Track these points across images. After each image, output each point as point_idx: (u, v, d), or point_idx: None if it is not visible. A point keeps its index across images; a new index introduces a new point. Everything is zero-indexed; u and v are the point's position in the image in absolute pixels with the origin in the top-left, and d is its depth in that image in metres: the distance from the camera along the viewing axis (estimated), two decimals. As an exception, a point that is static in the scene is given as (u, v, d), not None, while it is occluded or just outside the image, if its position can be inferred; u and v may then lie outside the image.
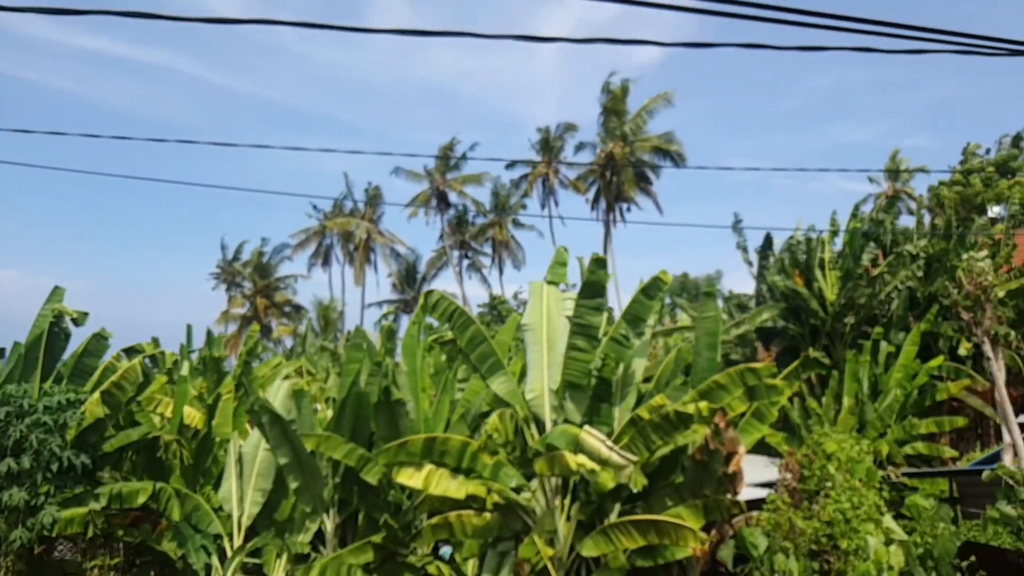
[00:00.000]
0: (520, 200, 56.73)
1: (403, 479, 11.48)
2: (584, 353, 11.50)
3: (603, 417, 11.79)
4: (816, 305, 23.50)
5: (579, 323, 11.55)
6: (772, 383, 12.34)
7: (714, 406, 11.20)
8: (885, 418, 19.94)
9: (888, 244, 24.62)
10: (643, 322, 12.23)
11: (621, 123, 41.19)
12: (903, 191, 54.58)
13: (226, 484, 14.72)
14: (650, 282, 12.37)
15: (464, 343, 12.08)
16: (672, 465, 12.38)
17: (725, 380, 11.68)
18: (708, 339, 12.98)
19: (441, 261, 58.33)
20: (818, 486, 10.61)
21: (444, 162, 53.40)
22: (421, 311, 12.45)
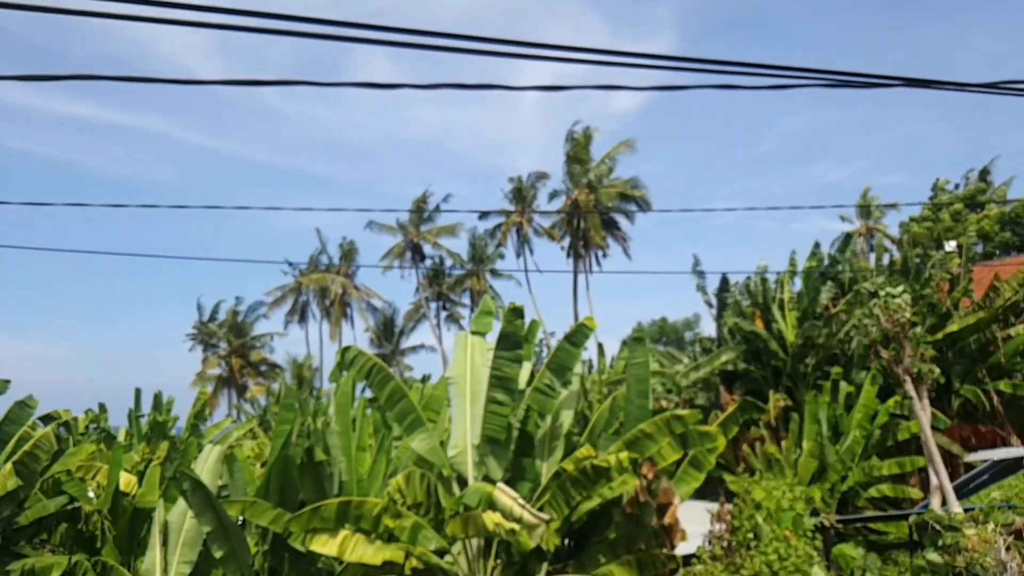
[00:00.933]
0: (497, 250, 56.61)
1: (317, 547, 10.99)
2: (502, 406, 11.10)
3: (526, 472, 11.35)
4: (776, 346, 23.19)
5: (497, 375, 11.17)
6: (704, 430, 11.94)
7: (635, 455, 10.79)
8: (846, 460, 19.54)
9: (847, 282, 24.39)
10: (569, 371, 11.88)
11: (585, 171, 41.22)
12: (875, 228, 54.73)
13: (150, 555, 14.13)
14: (574, 329, 12.07)
15: (383, 400, 11.70)
16: (604, 520, 11.92)
17: (651, 429, 11.29)
18: (639, 386, 12.60)
19: (419, 314, 58.00)
20: (745, 538, 10.17)
21: (418, 215, 53.33)
22: (337, 368, 12.05)
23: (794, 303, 23.58)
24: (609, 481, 10.74)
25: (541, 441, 11.96)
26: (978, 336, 22.76)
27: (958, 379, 23.35)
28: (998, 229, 44.84)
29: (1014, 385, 22.70)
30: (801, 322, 22.93)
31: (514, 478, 11.38)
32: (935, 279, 23.05)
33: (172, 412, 23.67)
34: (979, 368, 23.44)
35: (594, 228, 42.78)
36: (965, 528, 9.13)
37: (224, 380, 56.35)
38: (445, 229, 53.76)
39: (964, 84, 6.98)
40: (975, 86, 7.00)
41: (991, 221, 44.44)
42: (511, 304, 11.75)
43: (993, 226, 44.50)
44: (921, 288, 22.65)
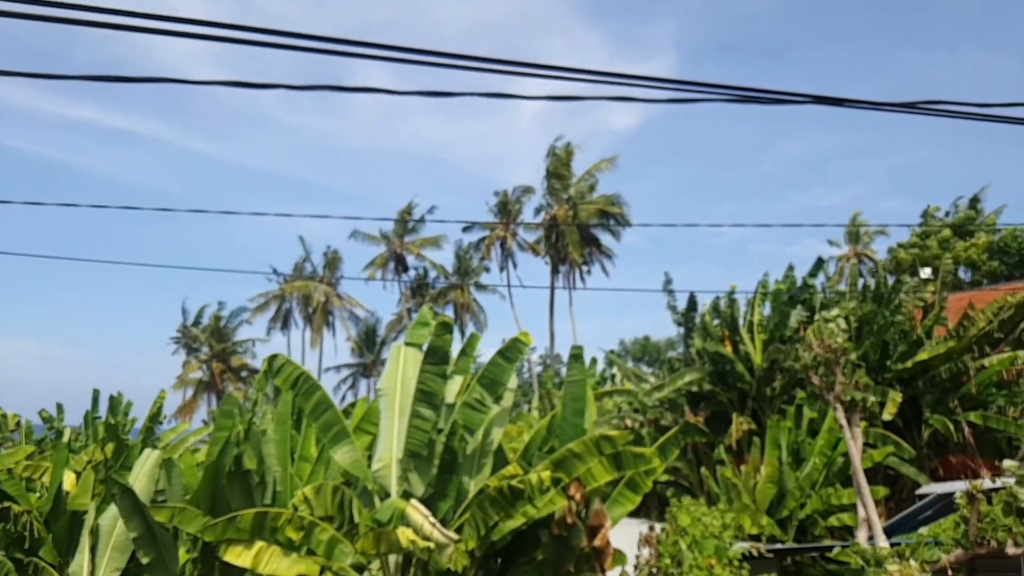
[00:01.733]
0: (482, 264, 56.37)
1: (231, 558, 10.67)
2: (425, 421, 10.80)
3: (449, 489, 11.05)
4: (742, 369, 22.89)
5: (422, 389, 10.88)
6: (639, 451, 11.64)
7: (560, 475, 10.47)
8: (805, 487, 19.21)
9: (817, 307, 24.12)
10: (501, 386, 11.57)
11: (565, 186, 41.05)
12: (864, 253, 54.55)
13: (79, 557, 13.84)
14: (509, 344, 11.77)
15: (308, 410, 11.40)
16: (532, 540, 11.60)
17: (580, 449, 10.96)
18: (574, 404, 12.30)
19: (400, 325, 57.66)
20: (669, 567, 9.86)
21: (402, 225, 53.12)
22: (263, 376, 11.74)
23: (763, 326, 23.31)
24: (531, 501, 10.42)
25: (470, 457, 11.64)
26: (950, 365, 22.47)
27: (929, 408, 23.07)
28: (985, 258, 44.70)
29: (984, 416, 22.41)
30: (768, 345, 22.65)
31: (436, 495, 11.08)
32: (908, 306, 22.81)
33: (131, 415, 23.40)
34: (951, 398, 23.16)
35: (572, 245, 42.56)
36: (888, 564, 8.83)
37: (205, 384, 55.99)
38: (429, 240, 53.57)
39: (876, 103, 6.73)
40: (889, 105, 6.76)
41: (978, 250, 44.28)
42: (441, 318, 11.49)
43: (980, 255, 44.34)
44: (892, 315, 22.41)
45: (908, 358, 22.54)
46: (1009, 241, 43.09)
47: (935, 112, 6.67)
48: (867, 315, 22.95)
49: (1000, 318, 22.81)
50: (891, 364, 22.73)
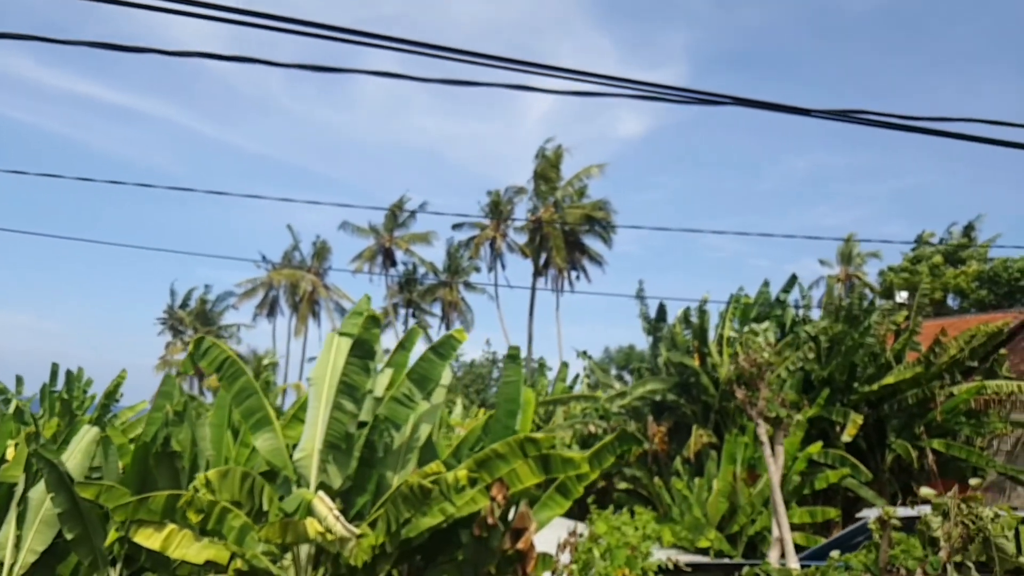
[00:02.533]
0: (473, 263, 56.19)
1: (141, 539, 10.50)
2: (345, 414, 10.61)
3: (367, 484, 10.88)
4: (707, 381, 22.70)
5: (345, 382, 10.69)
6: (568, 456, 11.46)
7: (477, 475, 10.29)
8: (756, 504, 19.01)
9: (788, 324, 23.94)
10: (432, 382, 11.41)
11: (552, 189, 40.86)
12: (855, 275, 54.37)
13: (5, 529, 13.67)
14: (442, 340, 11.61)
15: (232, 395, 11.21)
16: (453, 539, 11.41)
17: (504, 449, 10.77)
18: (508, 405, 12.12)
19: (386, 320, 57.51)
20: (578, 573, 9.67)
21: (392, 219, 52.96)
22: (189, 358, 11.56)
23: (731, 340, 23.10)
24: (448, 499, 10.24)
25: (395, 453, 11.46)
26: (917, 391, 22.26)
27: (894, 433, 22.86)
28: (975, 286, 44.49)
29: (947, 444, 22.22)
30: (733, 359, 22.43)
31: (355, 488, 10.91)
32: (879, 329, 22.62)
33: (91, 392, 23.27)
34: (917, 424, 22.95)
35: (556, 248, 42.37)
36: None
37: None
38: (418, 236, 53.38)
39: (802, 109, 6.51)
40: (819, 112, 6.54)
41: (968, 278, 44.09)
42: (370, 312, 11.31)
43: (970, 283, 44.14)
44: (861, 336, 22.22)
45: (875, 381, 22.34)
46: (1000, 271, 42.92)
47: (860, 120, 6.50)
48: (837, 335, 22.75)
49: (971, 346, 22.62)
50: (858, 386, 22.53)
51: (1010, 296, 41.84)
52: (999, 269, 42.47)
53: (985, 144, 6.49)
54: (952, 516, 8.13)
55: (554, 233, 41.39)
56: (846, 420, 20.95)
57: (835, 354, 22.59)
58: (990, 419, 23.65)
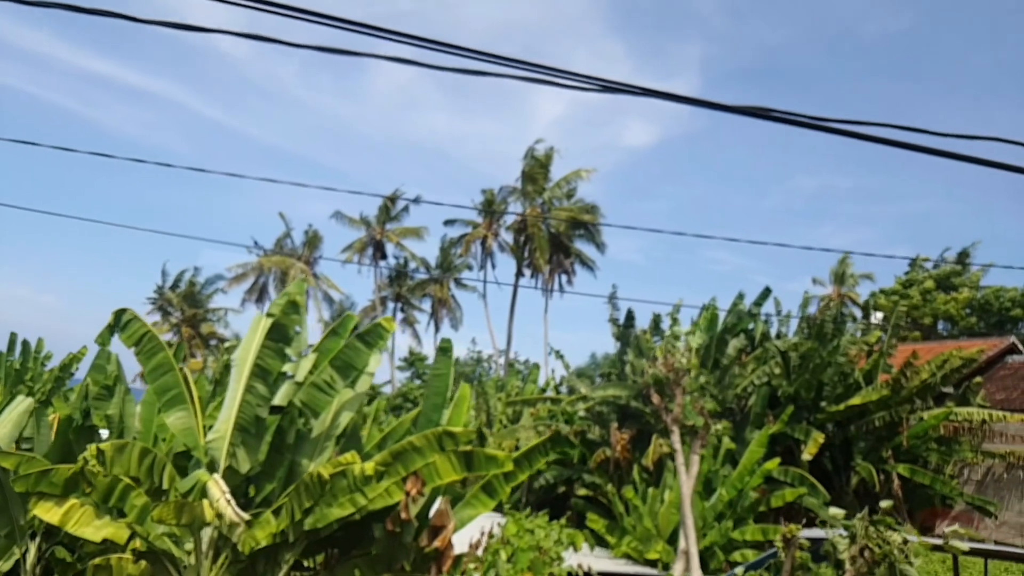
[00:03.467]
0: (465, 261, 55.83)
1: (41, 512, 10.15)
2: (257, 397, 10.29)
3: (277, 470, 10.56)
4: (673, 391, 22.30)
5: (259, 365, 10.38)
6: (491, 453, 11.10)
7: (391, 467, 9.97)
8: (709, 518, 18.66)
9: (758, 338, 23.59)
10: (356, 370, 11.10)
11: (539, 190, 40.52)
12: (848, 295, 53.86)
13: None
14: (369, 328, 11.29)
15: (148, 371, 10.89)
16: (366, 533, 11.09)
17: (421, 443, 10.43)
18: (435, 399, 11.83)
19: (376, 311, 57.18)
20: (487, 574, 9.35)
21: (384, 212, 52.64)
22: (108, 330, 11.23)
23: (699, 350, 22.72)
24: (359, 491, 9.92)
25: (313, 440, 11.14)
26: (885, 414, 21.88)
27: (860, 455, 22.48)
28: (966, 313, 44.06)
29: (912, 469, 21.84)
30: (702, 369, 22.08)
31: (264, 474, 10.61)
32: (849, 348, 22.26)
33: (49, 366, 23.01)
34: (885, 447, 22.59)
35: (540, 250, 42.02)
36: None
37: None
38: (410, 231, 53.06)
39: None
40: (728, 108, 6.17)
41: (958, 304, 43.64)
42: (288, 296, 11.02)
43: (960, 310, 43.71)
44: (830, 355, 21.87)
45: (842, 400, 21.98)
46: (991, 299, 42.49)
47: (772, 117, 6.18)
48: (807, 352, 22.39)
49: (943, 372, 22.24)
50: (826, 405, 22.17)
51: (1000, 325, 41.41)
52: (990, 297, 42.03)
53: (995, 168, 6.19)
54: (859, 539, 7.78)
55: (538, 234, 41.04)
56: (807, 438, 20.58)
57: (803, 371, 22.23)
58: (961, 447, 23.28)
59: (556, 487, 24.53)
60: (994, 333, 39.89)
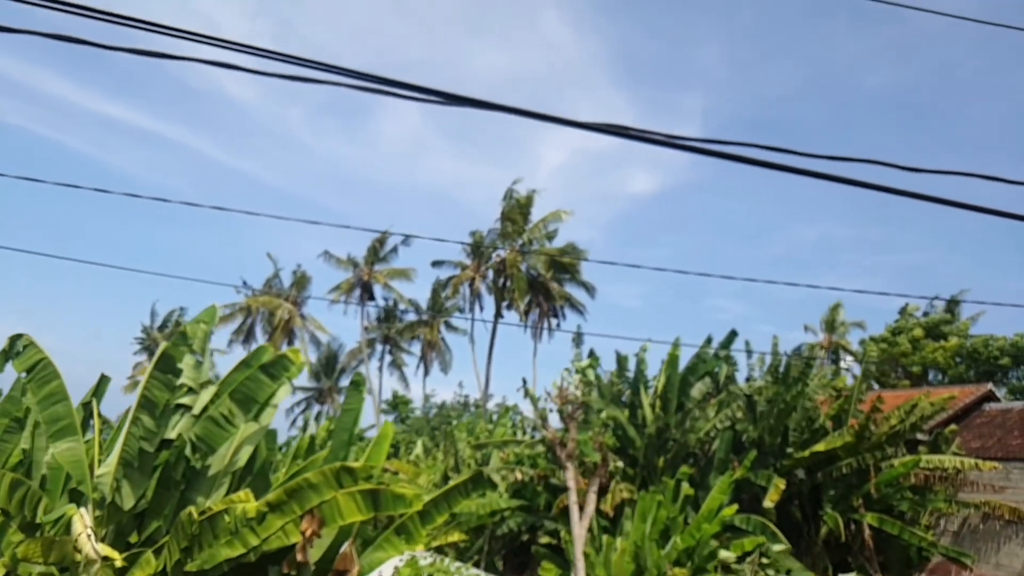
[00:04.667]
0: (456, 303, 55.39)
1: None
2: (143, 430, 9.83)
3: (165, 506, 10.04)
4: (635, 434, 21.73)
5: (146, 396, 9.94)
6: (400, 492, 10.57)
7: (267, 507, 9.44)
8: (662, 566, 17.96)
9: (722, 380, 23.04)
10: (258, 404, 10.63)
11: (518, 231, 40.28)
12: (839, 343, 53.18)
13: None
14: (274, 359, 10.84)
15: (38, 399, 10.45)
16: (259, 574, 10.53)
17: (317, 479, 9.92)
18: (342, 435, 11.35)
19: (363, 353, 56.65)
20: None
21: (373, 253, 52.41)
22: (2, 355, 10.83)
23: (664, 392, 22.18)
24: (251, 529, 9.39)
25: (211, 477, 10.65)
26: (851, 461, 21.21)
27: (829, 503, 21.78)
28: (955, 362, 43.34)
29: (880, 519, 21.10)
30: (664, 413, 21.55)
31: (150, 511, 10.10)
32: (816, 393, 21.71)
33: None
34: (855, 495, 21.89)
35: (517, 291, 41.61)
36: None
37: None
38: (398, 272, 52.73)
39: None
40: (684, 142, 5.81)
41: (947, 353, 42.95)
42: (182, 327, 10.62)
43: (949, 358, 42.99)
44: (794, 399, 21.30)
45: (807, 446, 21.34)
46: (980, 348, 41.80)
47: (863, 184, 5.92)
48: (773, 396, 21.82)
49: (912, 419, 21.62)
50: (792, 451, 21.54)
51: (989, 374, 40.66)
52: (979, 346, 41.35)
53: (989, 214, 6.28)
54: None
55: (517, 275, 40.68)
56: (770, 484, 19.92)
57: (769, 415, 21.64)
58: (935, 497, 22.56)
59: (520, 535, 23.81)
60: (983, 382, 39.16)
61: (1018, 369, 40.65)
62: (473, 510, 22.58)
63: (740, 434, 21.62)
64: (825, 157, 5.71)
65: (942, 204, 5.94)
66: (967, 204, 6.01)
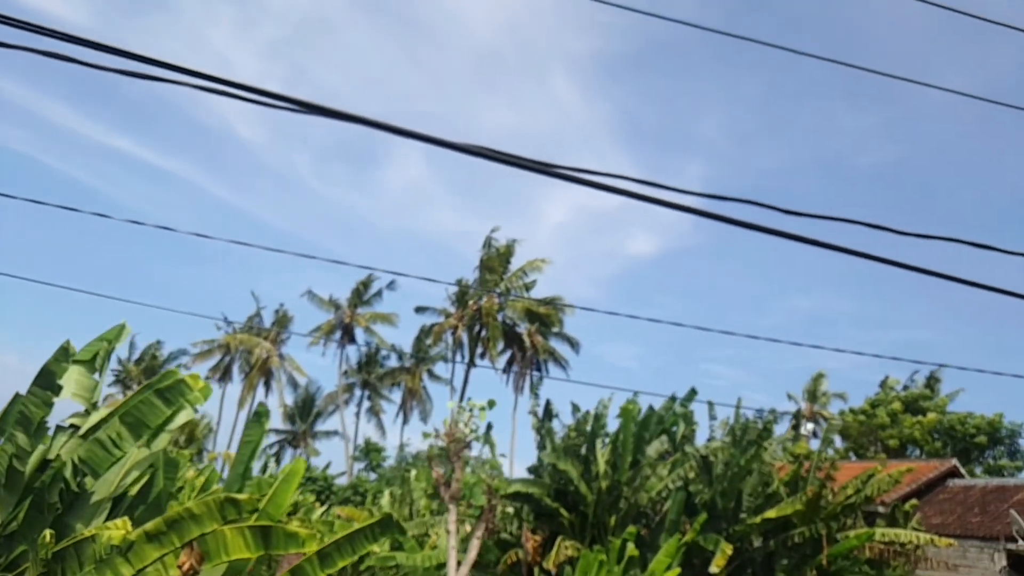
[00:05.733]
0: (441, 352, 54.92)
1: None
2: (15, 447, 9.41)
3: (33, 530, 9.56)
4: (586, 490, 21.15)
5: (22, 412, 9.54)
6: (292, 531, 10.11)
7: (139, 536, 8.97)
8: (598, 629, 17.30)
9: (679, 440, 22.54)
10: (149, 428, 10.22)
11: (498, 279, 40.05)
12: (820, 413, 52.68)
13: None
14: (171, 383, 10.45)
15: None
16: (138, 611, 9.99)
17: (200, 510, 9.44)
18: (239, 468, 10.91)
19: (340, 398, 56.02)
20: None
21: (356, 295, 52.14)
22: None
23: (620, 449, 21.63)
24: (105, 561, 8.91)
25: (94, 503, 10.19)
26: (806, 530, 20.62)
27: (782, 573, 21.13)
28: (932, 437, 42.81)
29: (833, 592, 20.48)
30: (612, 470, 21.01)
31: (19, 534, 9.61)
32: (771, 459, 21.22)
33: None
34: (809, 566, 21.24)
35: (492, 341, 41.22)
36: None
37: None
38: (380, 316, 52.41)
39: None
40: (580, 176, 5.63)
41: (924, 428, 42.45)
42: (65, 342, 10.26)
43: (925, 433, 42.48)
44: (748, 462, 20.80)
45: (760, 512, 20.77)
46: (957, 424, 41.32)
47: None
48: (728, 458, 21.31)
49: (868, 490, 21.08)
50: (745, 516, 20.96)
51: (965, 452, 40.09)
52: (956, 423, 40.86)
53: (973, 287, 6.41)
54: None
55: (492, 324, 40.34)
56: (717, 549, 19.32)
57: (719, 478, 21.10)
58: (892, 571, 21.93)
59: (466, 589, 23.06)
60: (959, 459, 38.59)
61: (994, 448, 40.11)
62: (418, 563, 21.89)
63: (694, 495, 21.05)
64: (812, 216, 5.82)
65: (933, 276, 6.11)
66: (954, 276, 6.15)
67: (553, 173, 5.44)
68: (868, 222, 5.83)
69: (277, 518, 11.50)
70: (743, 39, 7.31)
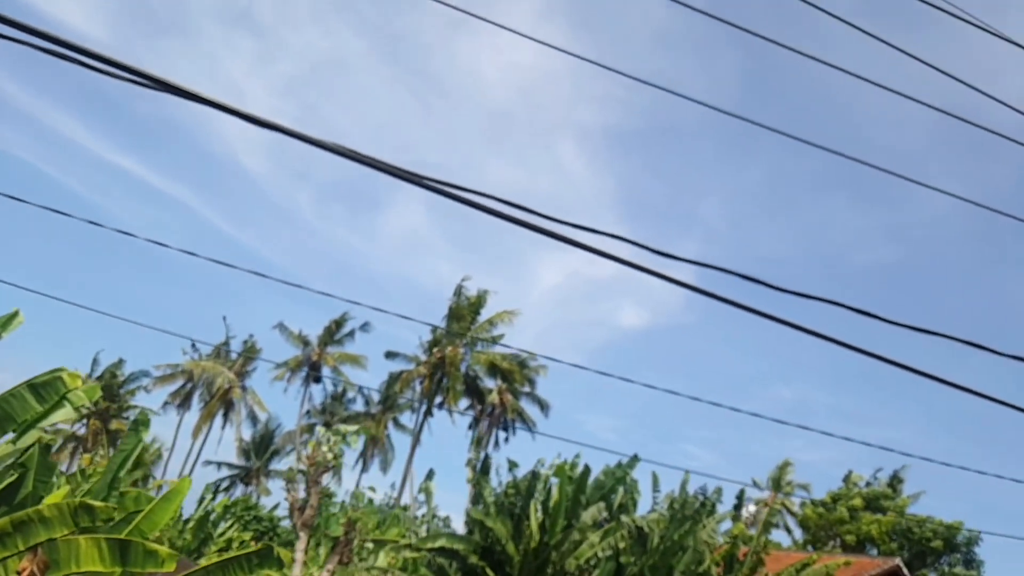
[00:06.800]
0: (410, 400, 54.00)
1: None
2: None
3: None
4: (514, 551, 20.42)
5: None
6: (152, 548, 9.52)
7: None
8: None
9: (616, 507, 21.86)
10: (16, 423, 9.70)
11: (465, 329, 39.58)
12: (783, 503, 51.75)
13: None
14: (45, 379, 9.96)
15: None
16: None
17: (51, 513, 8.90)
18: (107, 476, 10.36)
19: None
20: None
21: (328, 333, 51.47)
22: None
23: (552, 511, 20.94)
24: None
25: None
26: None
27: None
28: (888, 538, 42.04)
29: None
30: (542, 534, 20.31)
31: None
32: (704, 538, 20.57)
33: None
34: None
35: (452, 391, 40.57)
36: None
37: (78, 439, 53.09)
38: (349, 356, 51.66)
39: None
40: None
41: (881, 527, 41.72)
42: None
43: (883, 533, 41.73)
44: (681, 538, 20.14)
45: (690, 592, 20.05)
46: (915, 527, 40.59)
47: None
48: (663, 531, 20.65)
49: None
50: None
51: (921, 556, 39.26)
52: (914, 525, 40.11)
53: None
54: None
55: (454, 374, 39.76)
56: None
57: (656, 551, 20.41)
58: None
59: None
60: (914, 563, 37.80)
61: (950, 555, 39.30)
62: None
63: (624, 566, 20.32)
64: (801, 295, 5.79)
65: (916, 374, 6.08)
66: (935, 376, 6.12)
67: (550, 233, 5.29)
68: (856, 307, 5.85)
69: (149, 535, 10.89)
70: (752, 123, 7.29)
